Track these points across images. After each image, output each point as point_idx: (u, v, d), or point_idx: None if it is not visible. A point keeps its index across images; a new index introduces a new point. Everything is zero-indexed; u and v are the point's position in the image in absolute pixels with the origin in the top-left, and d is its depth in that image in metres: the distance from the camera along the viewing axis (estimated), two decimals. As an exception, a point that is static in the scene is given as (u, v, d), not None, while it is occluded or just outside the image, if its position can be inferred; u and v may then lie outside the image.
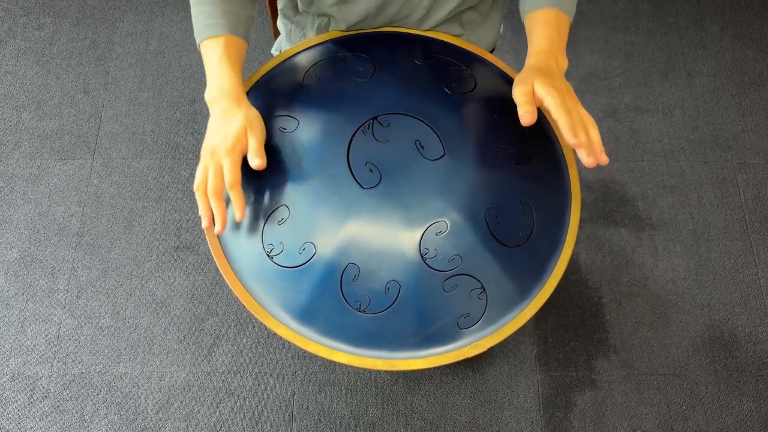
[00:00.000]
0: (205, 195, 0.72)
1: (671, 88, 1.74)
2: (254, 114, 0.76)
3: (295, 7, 0.98)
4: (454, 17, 0.92)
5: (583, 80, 1.75)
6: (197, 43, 0.81)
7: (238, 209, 0.72)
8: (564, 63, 0.77)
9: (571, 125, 0.68)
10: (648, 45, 1.80)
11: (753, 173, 1.63)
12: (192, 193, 1.59)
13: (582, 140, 0.68)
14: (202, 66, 1.76)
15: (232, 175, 0.72)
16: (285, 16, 1.00)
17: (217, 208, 0.71)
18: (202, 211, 0.73)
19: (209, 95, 0.78)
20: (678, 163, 1.64)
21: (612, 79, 1.75)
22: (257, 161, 0.74)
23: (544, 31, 0.79)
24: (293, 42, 1.02)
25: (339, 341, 0.71)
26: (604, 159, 0.70)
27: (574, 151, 0.84)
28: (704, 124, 1.69)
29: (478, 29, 0.97)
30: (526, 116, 0.70)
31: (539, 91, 0.71)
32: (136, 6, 1.86)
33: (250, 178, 0.76)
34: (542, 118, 0.86)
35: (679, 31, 1.82)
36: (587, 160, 0.69)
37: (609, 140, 1.66)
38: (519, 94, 0.71)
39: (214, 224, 0.72)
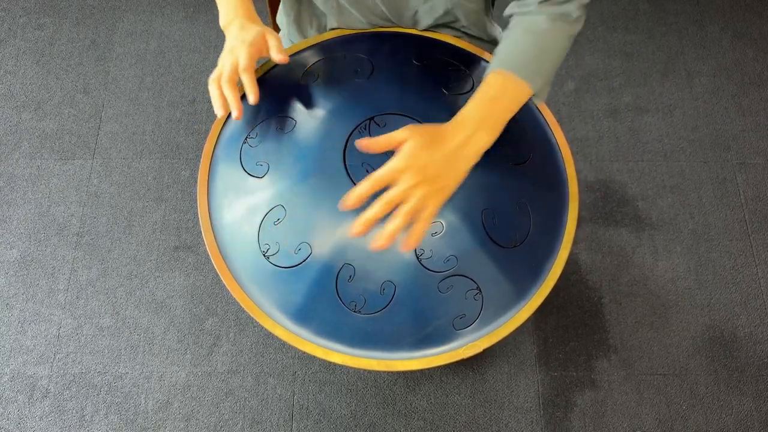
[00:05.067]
0: (219, 85, 0.74)
1: (671, 88, 1.74)
2: (270, 28, 0.79)
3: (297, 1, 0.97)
4: (444, 24, 0.92)
5: (583, 80, 1.75)
6: None
7: (251, 93, 0.73)
8: (481, 141, 0.66)
9: (369, 216, 0.60)
10: (648, 45, 1.80)
11: (753, 173, 1.62)
12: (192, 193, 1.60)
13: (357, 232, 0.60)
14: (202, 66, 1.77)
15: (245, 60, 0.73)
16: (285, 12, 1.00)
17: (230, 95, 0.73)
18: (216, 102, 0.74)
19: (225, 20, 0.80)
20: (678, 163, 1.63)
21: (612, 79, 1.75)
22: (280, 56, 0.75)
23: (478, 96, 0.69)
24: (292, 40, 1.02)
25: (335, 341, 0.71)
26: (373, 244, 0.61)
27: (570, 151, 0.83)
28: (704, 124, 1.69)
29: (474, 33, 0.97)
30: (361, 144, 0.63)
31: (393, 162, 0.62)
32: (136, 6, 1.86)
33: (247, 177, 0.76)
34: (539, 118, 0.86)
35: (679, 31, 1.82)
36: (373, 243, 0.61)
37: (609, 140, 1.66)
38: (385, 136, 0.63)
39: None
